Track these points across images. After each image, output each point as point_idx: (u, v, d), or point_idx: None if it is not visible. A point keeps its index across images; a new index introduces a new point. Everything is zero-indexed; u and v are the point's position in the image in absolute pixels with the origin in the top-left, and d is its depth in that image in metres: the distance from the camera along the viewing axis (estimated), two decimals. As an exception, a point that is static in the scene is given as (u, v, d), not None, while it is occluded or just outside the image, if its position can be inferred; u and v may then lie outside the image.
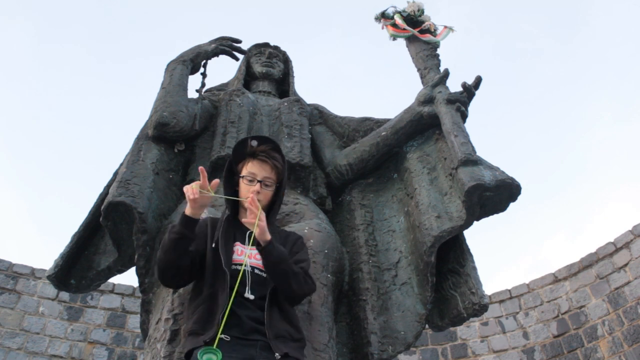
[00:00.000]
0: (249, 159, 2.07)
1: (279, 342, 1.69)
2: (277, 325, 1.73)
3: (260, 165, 2.04)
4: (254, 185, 2.01)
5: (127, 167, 2.50)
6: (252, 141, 2.08)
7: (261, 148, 2.07)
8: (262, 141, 2.10)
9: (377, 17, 3.31)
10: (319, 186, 2.92)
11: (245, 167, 2.06)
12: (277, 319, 1.75)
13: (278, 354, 1.65)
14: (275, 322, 1.73)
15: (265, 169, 2.04)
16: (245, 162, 2.07)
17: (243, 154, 2.09)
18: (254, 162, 2.05)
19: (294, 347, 1.73)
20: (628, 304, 7.61)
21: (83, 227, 2.72)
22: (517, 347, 8.42)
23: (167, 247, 1.80)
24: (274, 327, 1.72)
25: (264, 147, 2.08)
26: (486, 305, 2.32)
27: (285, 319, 1.78)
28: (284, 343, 1.70)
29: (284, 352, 1.67)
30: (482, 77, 2.77)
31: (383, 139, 2.90)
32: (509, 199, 2.43)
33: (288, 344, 1.71)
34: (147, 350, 2.10)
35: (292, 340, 1.74)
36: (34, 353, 7.62)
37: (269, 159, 2.05)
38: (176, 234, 1.79)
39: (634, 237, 7.92)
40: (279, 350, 1.66)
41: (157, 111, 2.75)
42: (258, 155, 2.06)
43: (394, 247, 2.66)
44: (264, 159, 2.05)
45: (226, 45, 3.35)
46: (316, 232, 2.40)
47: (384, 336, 2.37)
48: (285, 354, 1.67)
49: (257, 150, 2.06)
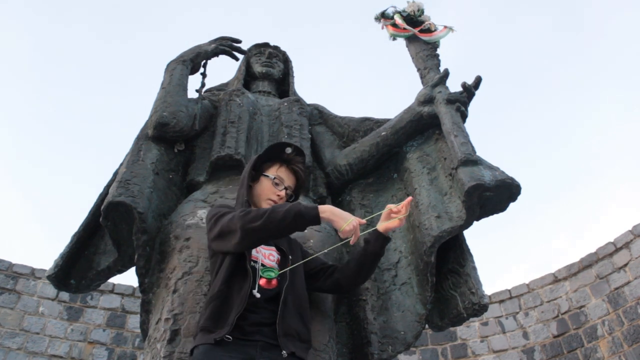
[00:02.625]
0: (281, 163, 2.17)
1: (287, 340, 1.69)
2: (288, 323, 1.73)
3: (289, 174, 2.17)
4: (279, 190, 2.11)
5: (127, 167, 2.50)
6: (288, 148, 2.17)
7: (297, 159, 2.19)
8: (297, 152, 2.20)
9: (377, 17, 3.31)
10: (319, 186, 2.92)
11: (275, 169, 2.15)
12: (290, 317, 1.75)
13: (285, 351, 1.65)
14: (287, 320, 1.74)
15: (292, 179, 2.18)
16: (275, 165, 2.16)
17: (273, 156, 2.17)
18: (286, 168, 2.17)
19: (301, 347, 1.73)
20: (628, 304, 7.61)
21: (83, 227, 2.72)
22: (517, 347, 8.42)
23: (287, 227, 1.77)
24: (285, 325, 1.72)
25: (299, 158, 2.20)
26: (486, 305, 2.32)
27: (299, 318, 1.79)
28: (292, 342, 1.70)
29: (291, 350, 1.67)
30: (482, 77, 2.77)
31: (383, 139, 2.90)
32: (509, 199, 2.43)
33: (296, 343, 1.72)
34: (147, 350, 2.10)
35: (300, 340, 1.75)
36: (34, 353, 7.62)
37: (300, 171, 2.19)
38: (298, 226, 1.79)
39: (634, 237, 7.92)
40: (287, 348, 1.66)
41: (157, 111, 2.75)
42: (292, 164, 2.18)
43: (393, 247, 2.66)
44: (296, 170, 2.18)
45: (226, 45, 3.35)
46: (316, 232, 2.41)
47: (384, 336, 2.38)
48: (292, 352, 1.67)
49: (294, 159, 2.18)
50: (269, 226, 1.76)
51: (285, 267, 1.88)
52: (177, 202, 2.62)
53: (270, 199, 2.08)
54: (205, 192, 2.59)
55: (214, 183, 2.65)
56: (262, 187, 2.11)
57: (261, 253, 1.90)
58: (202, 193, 2.58)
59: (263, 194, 2.10)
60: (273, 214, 1.77)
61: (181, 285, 2.11)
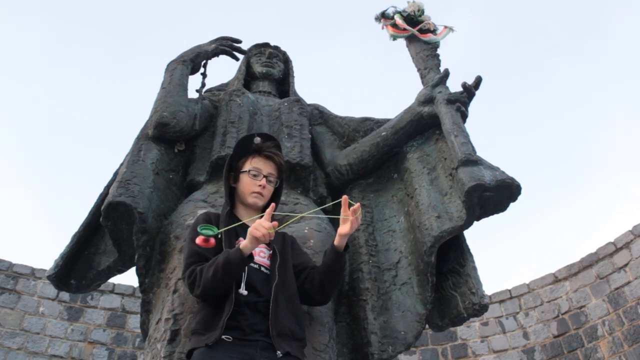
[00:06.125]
0: (253, 154, 2.11)
1: (282, 340, 1.69)
2: (281, 322, 1.73)
3: (265, 161, 2.10)
4: (259, 180, 2.05)
5: (127, 167, 2.50)
6: (256, 138, 2.11)
7: (267, 145, 2.12)
8: (265, 138, 2.14)
9: (377, 17, 3.31)
10: (319, 186, 2.91)
11: (249, 162, 2.10)
12: (283, 316, 1.75)
13: (280, 352, 1.65)
14: (280, 319, 1.73)
15: (270, 166, 2.11)
16: (248, 158, 2.11)
17: (244, 151, 2.12)
18: (259, 158, 2.10)
19: (295, 346, 1.73)
20: (628, 304, 7.61)
21: (83, 227, 2.72)
22: (517, 347, 8.42)
23: (220, 281, 1.71)
24: (278, 324, 1.71)
25: (269, 143, 2.13)
26: (486, 305, 2.32)
27: (291, 316, 1.78)
28: (286, 342, 1.70)
29: (285, 350, 1.67)
30: (482, 77, 2.77)
31: (383, 139, 2.90)
32: (509, 199, 2.43)
33: (290, 342, 1.71)
34: (147, 350, 2.10)
35: (294, 339, 1.74)
36: (34, 353, 7.62)
37: (274, 155, 2.10)
38: (233, 274, 1.72)
39: (634, 237, 7.92)
40: (281, 348, 1.66)
41: (157, 111, 2.76)
42: (264, 151, 2.10)
43: (394, 247, 2.66)
44: (269, 155, 2.10)
45: (226, 45, 3.35)
46: (316, 232, 2.40)
47: (384, 336, 2.37)
48: (287, 352, 1.67)
49: (264, 146, 2.10)
50: (208, 286, 1.72)
51: (275, 263, 1.87)
52: (177, 202, 2.62)
53: (253, 192, 2.05)
54: (206, 192, 2.59)
55: (214, 183, 2.65)
56: (243, 184, 2.08)
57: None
58: (203, 193, 2.58)
59: (246, 191, 2.06)
60: (206, 274, 1.73)
61: (181, 286, 2.10)
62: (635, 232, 7.93)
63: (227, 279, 1.72)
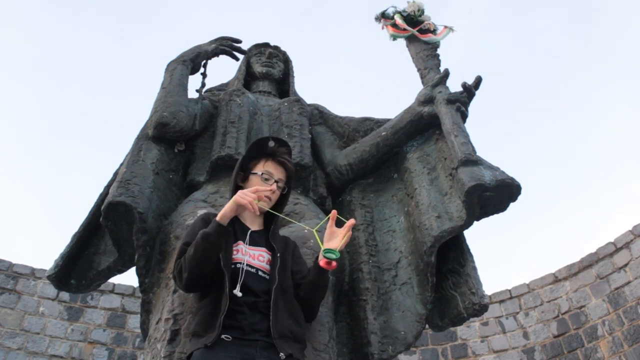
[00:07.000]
0: (267, 158, 2.11)
1: (283, 342, 1.69)
2: (282, 324, 1.73)
3: (277, 166, 2.10)
4: (269, 184, 2.05)
5: (127, 167, 2.51)
6: (270, 142, 2.12)
7: (281, 150, 2.13)
8: (279, 143, 2.15)
9: (377, 17, 3.31)
10: (319, 186, 2.91)
11: (262, 165, 2.10)
12: (284, 318, 1.75)
13: (283, 354, 1.66)
14: (281, 321, 1.73)
15: (281, 171, 2.11)
16: (260, 161, 2.11)
17: (258, 153, 2.12)
18: (272, 162, 2.10)
19: (296, 348, 1.73)
20: (628, 304, 7.61)
21: (83, 227, 2.72)
22: (517, 347, 8.42)
23: (202, 257, 1.73)
24: (279, 326, 1.71)
25: (283, 149, 2.14)
26: (486, 305, 2.32)
27: (291, 318, 1.78)
28: (288, 344, 1.70)
29: (288, 352, 1.67)
30: (482, 77, 2.78)
31: (383, 139, 2.90)
32: (509, 199, 2.43)
33: (292, 344, 1.71)
34: (147, 350, 2.10)
35: (295, 341, 1.75)
36: (34, 353, 7.62)
37: (287, 162, 2.11)
38: (213, 244, 1.73)
39: (634, 237, 7.92)
40: (284, 351, 1.66)
41: (157, 111, 2.76)
42: (277, 156, 2.11)
43: (394, 247, 2.66)
44: (282, 161, 2.11)
45: (226, 45, 3.35)
46: (316, 232, 2.40)
47: (384, 336, 2.37)
48: (289, 354, 1.67)
49: (278, 151, 2.11)
50: (193, 265, 1.74)
51: (275, 266, 1.87)
52: (177, 202, 2.62)
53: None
54: (206, 192, 2.59)
55: (214, 183, 2.65)
56: (252, 185, 2.05)
57: (248, 254, 1.87)
58: (203, 193, 2.58)
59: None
60: (188, 256, 1.76)
61: (181, 285, 2.10)
62: (635, 232, 7.94)
63: (209, 254, 1.73)
